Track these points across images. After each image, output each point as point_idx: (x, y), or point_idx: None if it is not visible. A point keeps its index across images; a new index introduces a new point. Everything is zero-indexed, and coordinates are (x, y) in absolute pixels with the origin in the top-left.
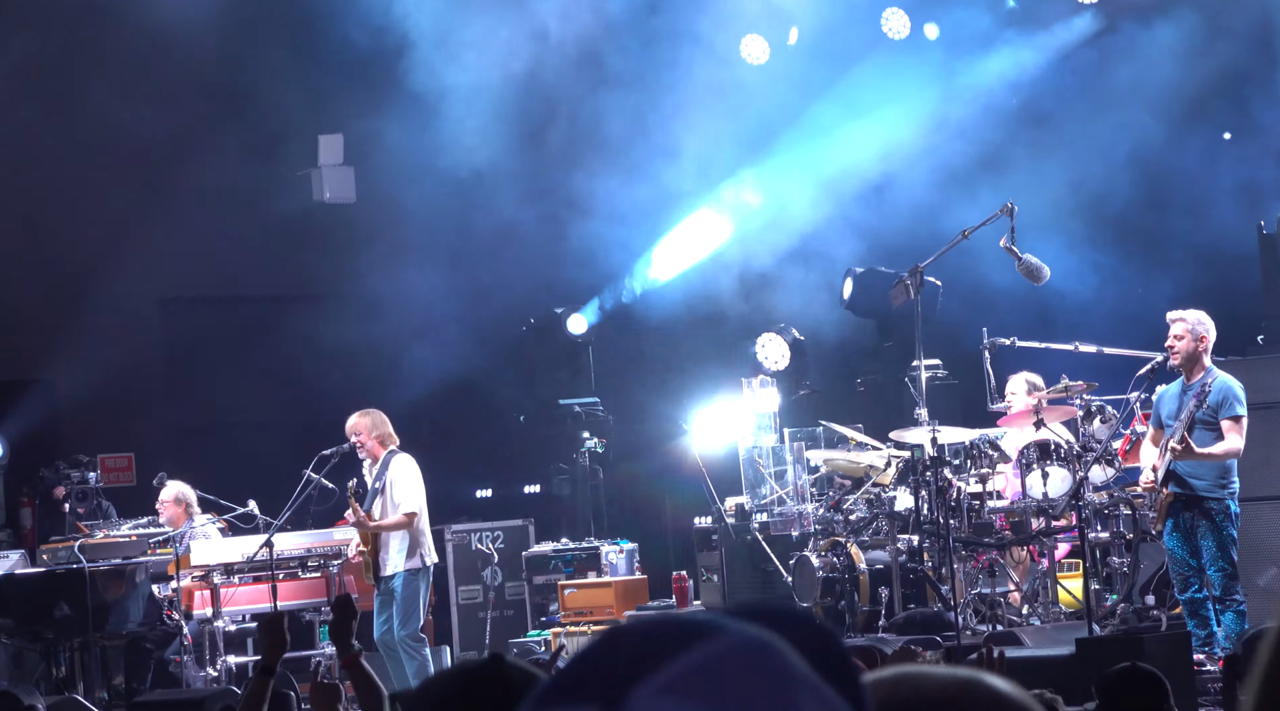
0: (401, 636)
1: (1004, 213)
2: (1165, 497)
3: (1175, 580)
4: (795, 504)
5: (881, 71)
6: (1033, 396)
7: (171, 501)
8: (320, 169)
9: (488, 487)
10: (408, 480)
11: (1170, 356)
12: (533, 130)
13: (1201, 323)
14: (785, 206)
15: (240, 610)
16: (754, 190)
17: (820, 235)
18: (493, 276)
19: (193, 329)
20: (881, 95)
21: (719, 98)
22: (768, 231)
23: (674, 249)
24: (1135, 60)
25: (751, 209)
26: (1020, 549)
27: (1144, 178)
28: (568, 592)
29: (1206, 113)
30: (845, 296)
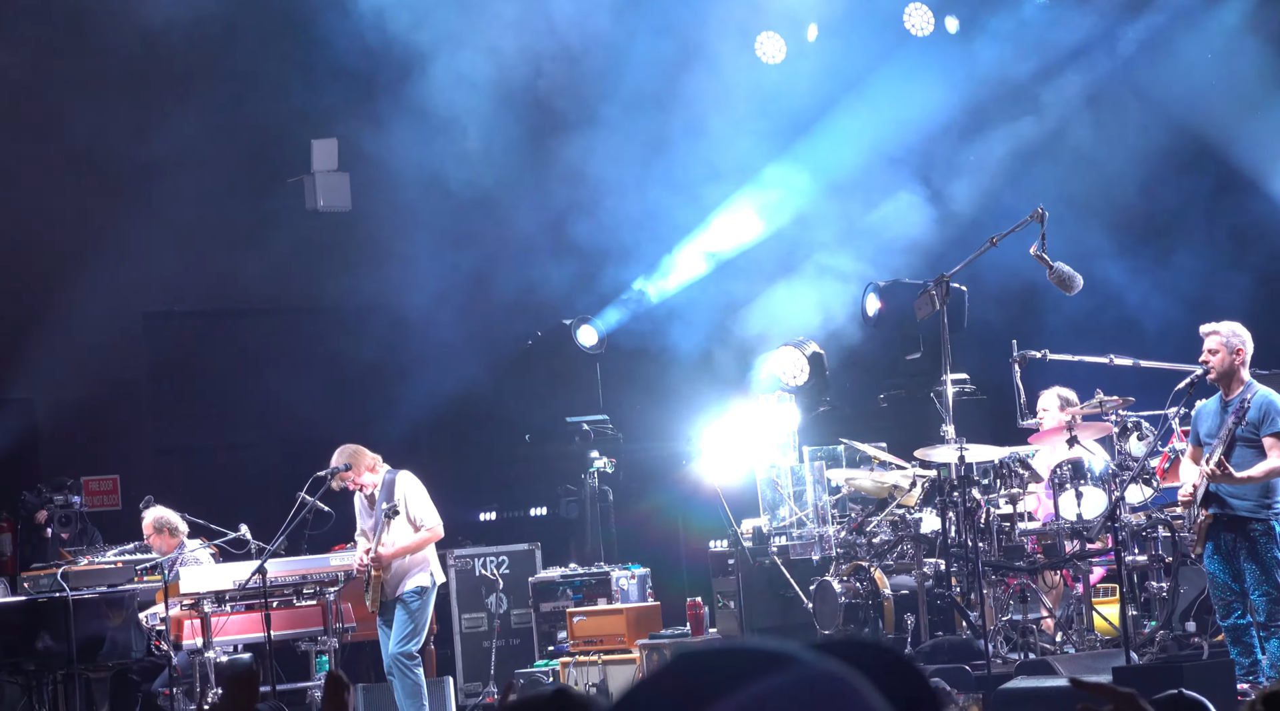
0: (395, 653)
1: (1034, 219)
2: (1205, 519)
3: (1217, 605)
4: (815, 526)
5: (904, 69)
6: (1066, 412)
7: (153, 532)
8: (314, 175)
9: (492, 510)
10: (421, 496)
11: (1207, 371)
12: (538, 136)
13: (1236, 334)
14: (802, 213)
15: (232, 640)
16: (771, 197)
17: (840, 243)
18: (496, 288)
19: (180, 344)
20: (904, 94)
21: (732, 100)
22: (784, 240)
23: (688, 257)
24: (1172, 59)
25: (768, 216)
26: (1053, 573)
27: (1181, 181)
28: (576, 620)
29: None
30: (870, 313)
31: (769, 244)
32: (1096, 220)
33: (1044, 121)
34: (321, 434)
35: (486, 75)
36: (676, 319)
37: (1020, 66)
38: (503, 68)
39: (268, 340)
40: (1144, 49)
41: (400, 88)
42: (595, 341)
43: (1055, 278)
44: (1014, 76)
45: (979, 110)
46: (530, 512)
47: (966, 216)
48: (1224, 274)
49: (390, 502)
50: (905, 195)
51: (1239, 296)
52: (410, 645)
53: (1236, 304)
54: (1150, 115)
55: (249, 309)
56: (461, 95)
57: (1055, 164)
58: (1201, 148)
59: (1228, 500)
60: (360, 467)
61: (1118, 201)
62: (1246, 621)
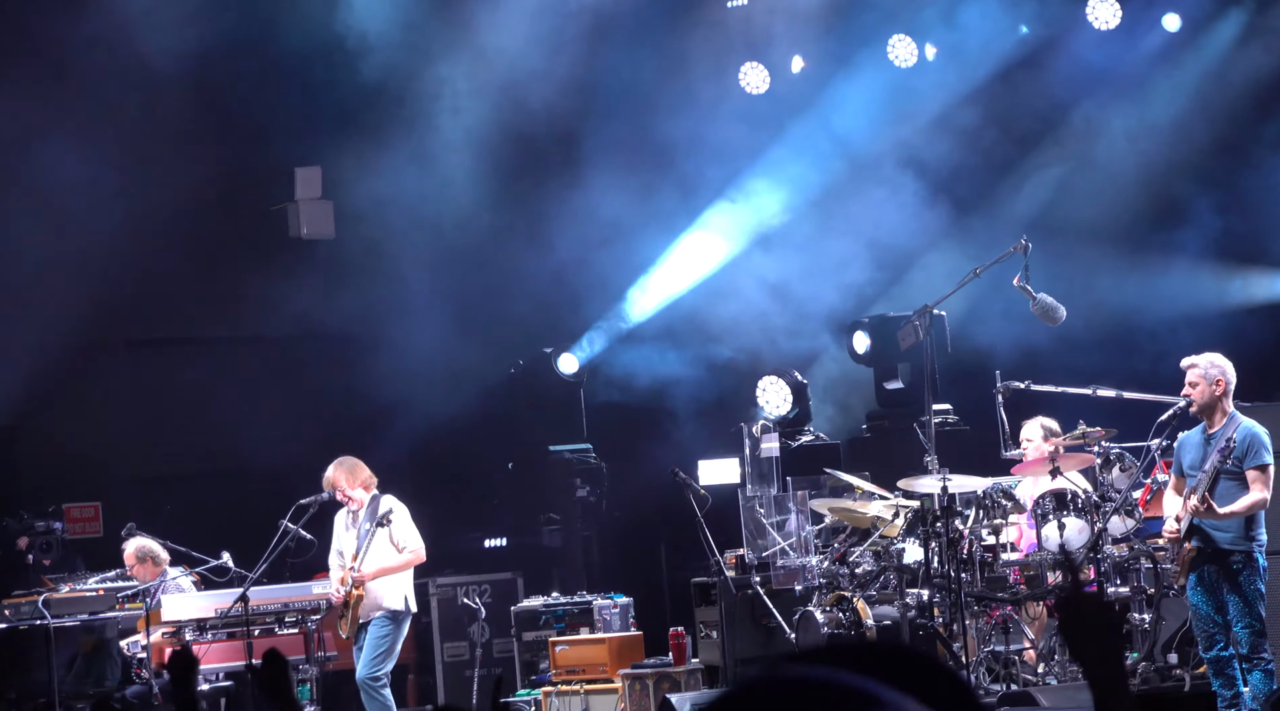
0: (364, 677)
1: (1017, 250)
2: (1188, 551)
3: (1200, 637)
4: (798, 556)
5: (883, 102)
6: (1049, 443)
7: (135, 562)
8: (297, 203)
9: (475, 539)
10: (405, 519)
11: (1190, 405)
12: (523, 165)
13: (1216, 365)
14: (786, 243)
15: (214, 668)
16: (752, 226)
17: (823, 273)
18: (479, 316)
19: (163, 372)
20: (886, 124)
21: (716, 129)
22: (768, 270)
23: (667, 280)
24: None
25: (750, 246)
26: (1036, 604)
27: (1162, 211)
28: (559, 650)
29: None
30: (860, 351)
31: (750, 271)
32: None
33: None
34: (304, 462)
35: (471, 107)
36: (660, 350)
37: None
38: (488, 100)
39: (251, 368)
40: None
41: (382, 119)
42: (576, 370)
43: (1038, 309)
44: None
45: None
46: (513, 541)
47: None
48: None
49: (384, 512)
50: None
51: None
52: (379, 668)
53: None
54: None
55: (232, 336)
56: (446, 125)
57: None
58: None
59: (1210, 533)
60: (355, 480)
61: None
62: (1229, 653)
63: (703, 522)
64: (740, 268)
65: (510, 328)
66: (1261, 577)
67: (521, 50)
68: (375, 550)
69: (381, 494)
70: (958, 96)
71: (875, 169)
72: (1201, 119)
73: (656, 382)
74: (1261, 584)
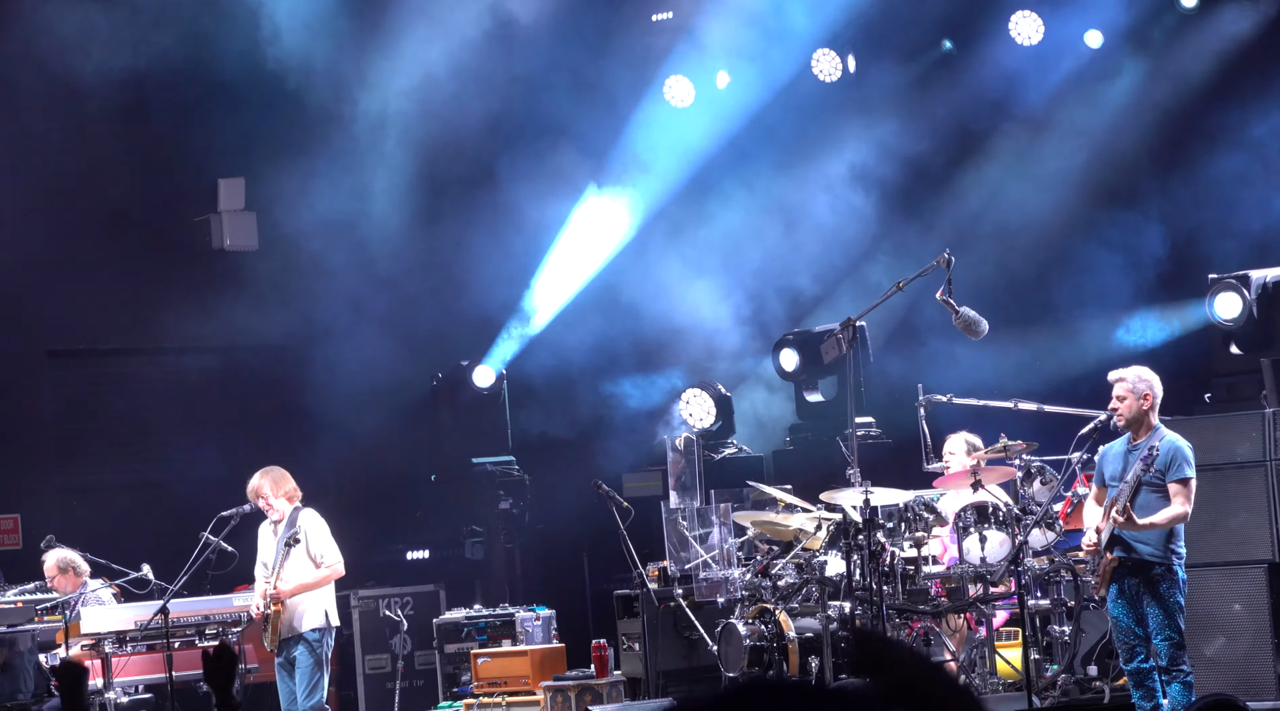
0: (306, 707)
1: (940, 264)
2: (1109, 562)
3: (1120, 649)
4: (721, 568)
5: (809, 115)
6: (971, 457)
7: (57, 572)
8: (221, 214)
9: (397, 551)
10: (323, 533)
11: (1115, 418)
12: (443, 176)
13: (1143, 379)
14: (710, 255)
15: (133, 680)
16: (676, 237)
17: (747, 285)
18: (403, 329)
19: (84, 383)
20: (809, 140)
21: (642, 142)
22: (693, 282)
23: (569, 284)
24: (1070, 105)
25: (674, 258)
26: (957, 617)
27: (1082, 224)
28: (481, 662)
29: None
30: (790, 369)
31: (675, 284)
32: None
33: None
34: (225, 474)
35: (394, 118)
36: (582, 363)
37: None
38: (410, 111)
39: (173, 380)
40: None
41: (309, 128)
42: (491, 381)
43: (961, 322)
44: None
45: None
46: (435, 554)
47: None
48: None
49: (291, 532)
50: (803, 238)
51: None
52: (317, 695)
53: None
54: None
55: (154, 348)
56: (369, 138)
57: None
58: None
59: (1132, 544)
60: (279, 490)
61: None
62: (1149, 665)
63: (625, 535)
64: (666, 280)
65: (433, 340)
66: (1181, 590)
67: (445, 66)
68: (293, 565)
69: (303, 507)
70: (881, 110)
71: (803, 182)
72: (1130, 129)
73: (580, 395)
74: (1181, 597)
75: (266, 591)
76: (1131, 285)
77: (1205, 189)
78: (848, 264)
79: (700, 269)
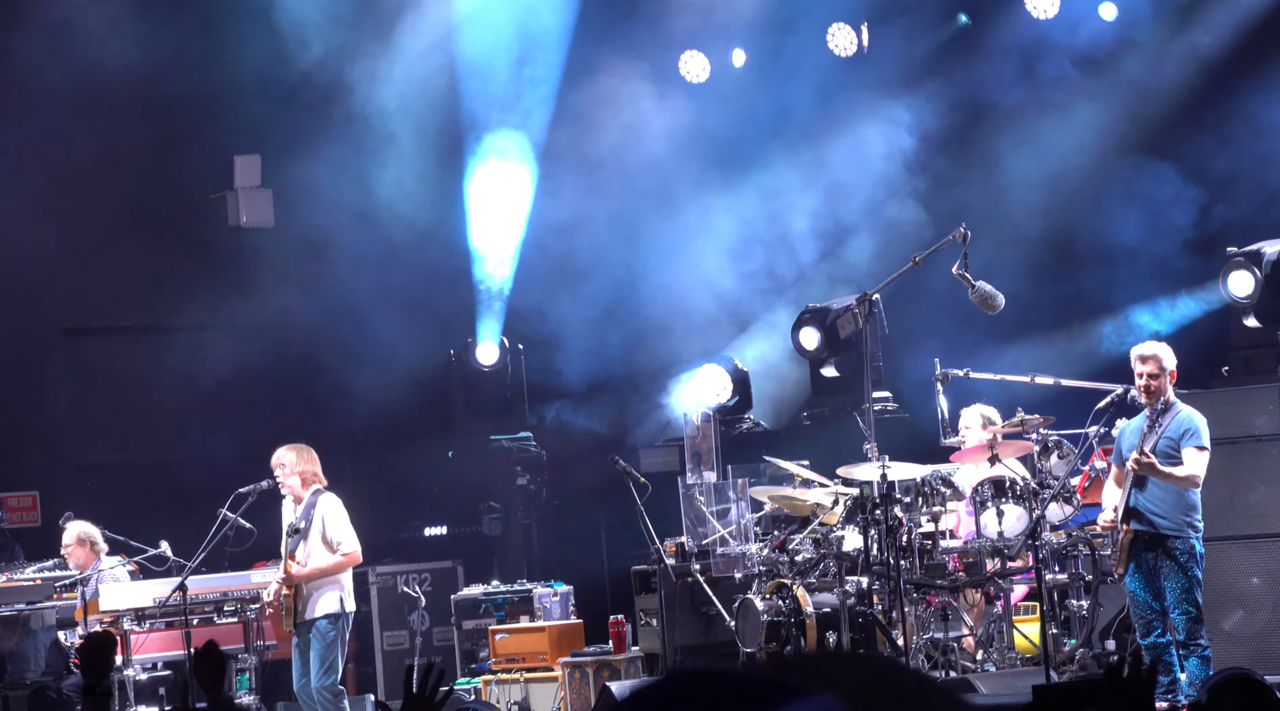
0: (319, 687)
1: (956, 238)
2: (1126, 536)
3: (1137, 624)
4: (738, 544)
5: (825, 91)
6: (988, 430)
7: (75, 543)
8: (236, 191)
9: (414, 527)
10: (341, 519)
11: (1142, 395)
12: (458, 153)
13: (1171, 356)
14: (727, 228)
15: (152, 657)
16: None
17: (764, 258)
18: (421, 305)
19: (101, 360)
20: (825, 115)
21: (653, 119)
22: (708, 257)
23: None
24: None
25: (691, 233)
26: (974, 591)
27: (1099, 201)
28: (499, 638)
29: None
30: (810, 347)
31: (690, 258)
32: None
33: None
34: (243, 450)
35: (413, 98)
36: (600, 338)
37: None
38: (428, 91)
39: (189, 356)
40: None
41: (324, 108)
42: (495, 358)
43: (977, 297)
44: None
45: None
46: (453, 530)
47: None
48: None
49: (304, 522)
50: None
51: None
52: (331, 677)
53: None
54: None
55: (169, 325)
56: (383, 114)
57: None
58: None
59: (1149, 518)
60: (295, 468)
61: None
62: (1166, 640)
63: (643, 510)
64: (683, 255)
65: (451, 316)
66: (1199, 564)
67: (460, 40)
68: (310, 549)
69: (324, 491)
70: (898, 83)
71: (817, 154)
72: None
73: (597, 371)
74: (1199, 570)
75: (274, 587)
76: (1152, 261)
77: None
78: (867, 237)
79: (718, 243)
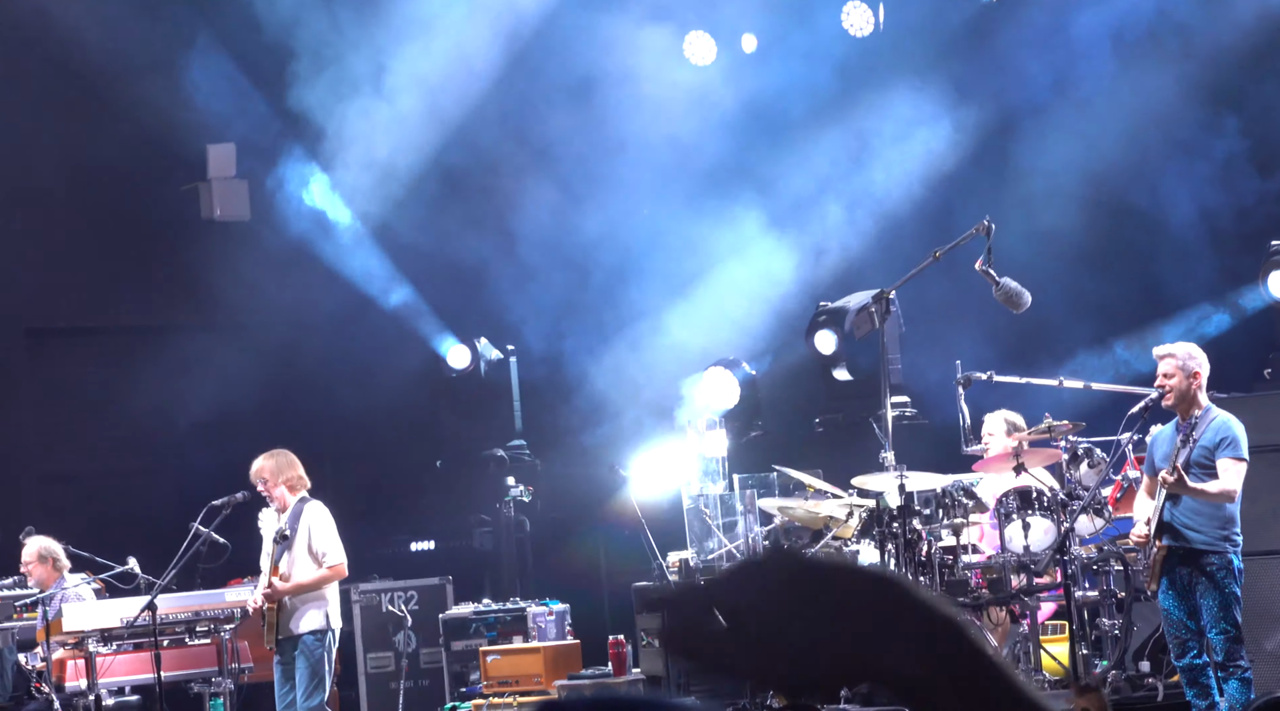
0: (306, 709)
1: (980, 232)
2: (1159, 551)
3: (1171, 644)
4: None
5: (842, 73)
6: (1013, 438)
7: (35, 560)
8: (210, 182)
9: (400, 542)
10: (328, 529)
11: (1163, 396)
12: (449, 143)
13: (1192, 357)
14: (736, 223)
15: (119, 681)
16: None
17: (774, 259)
18: (407, 304)
19: (65, 364)
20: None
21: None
22: (713, 257)
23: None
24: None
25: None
26: (999, 609)
27: (1135, 197)
28: (490, 660)
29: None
30: (827, 352)
31: (697, 261)
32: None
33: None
34: (217, 460)
35: (393, 82)
36: (598, 340)
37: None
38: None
39: (160, 359)
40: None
41: (299, 93)
42: (467, 363)
43: (1001, 294)
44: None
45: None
46: (441, 544)
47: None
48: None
49: (289, 530)
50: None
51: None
52: (317, 698)
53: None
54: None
55: (139, 326)
56: (368, 105)
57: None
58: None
59: (1183, 532)
60: (280, 477)
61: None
62: (1203, 661)
63: (644, 523)
64: (686, 251)
65: (440, 320)
66: (1237, 580)
67: (456, 28)
68: (295, 562)
69: (310, 499)
70: (915, 66)
71: (825, 144)
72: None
73: (596, 375)
74: (1237, 587)
75: (257, 599)
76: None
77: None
78: (883, 232)
79: (727, 239)
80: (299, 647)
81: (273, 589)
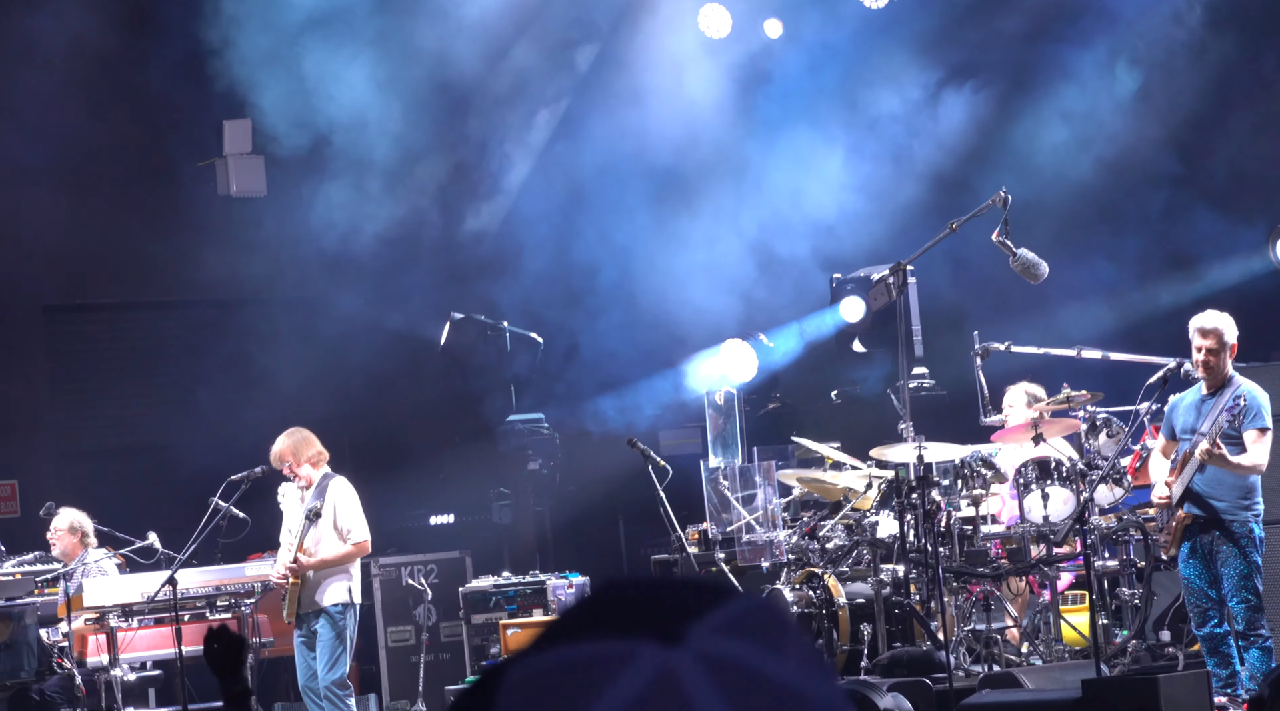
0: (327, 681)
1: (996, 203)
2: (1181, 519)
3: (1191, 613)
4: (765, 531)
5: (857, 48)
6: (1032, 408)
7: (66, 530)
8: (226, 158)
9: (420, 516)
10: (353, 505)
11: (1199, 370)
12: (461, 115)
13: (1232, 330)
14: (750, 200)
15: (140, 656)
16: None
17: (789, 230)
18: (421, 277)
19: (83, 340)
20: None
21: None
22: (730, 228)
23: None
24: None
25: (713, 201)
26: (1018, 579)
27: (1152, 163)
28: (510, 633)
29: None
30: (853, 321)
31: (712, 229)
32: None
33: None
34: (235, 435)
35: (407, 52)
36: (615, 312)
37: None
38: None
39: (177, 335)
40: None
41: (319, 66)
42: (484, 336)
43: (1019, 266)
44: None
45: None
46: (460, 518)
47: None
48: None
49: (315, 504)
50: (848, 175)
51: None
52: (339, 671)
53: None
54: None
55: (157, 302)
56: (379, 79)
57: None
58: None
59: (1206, 501)
60: (302, 456)
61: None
62: (1224, 630)
63: (663, 496)
64: (705, 225)
65: (455, 291)
66: (1259, 549)
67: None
68: (319, 537)
69: (334, 474)
70: (934, 37)
71: (843, 117)
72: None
73: (612, 348)
74: (1258, 556)
75: (280, 572)
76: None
77: None
78: (903, 203)
79: (743, 212)
80: (321, 620)
81: (297, 563)
